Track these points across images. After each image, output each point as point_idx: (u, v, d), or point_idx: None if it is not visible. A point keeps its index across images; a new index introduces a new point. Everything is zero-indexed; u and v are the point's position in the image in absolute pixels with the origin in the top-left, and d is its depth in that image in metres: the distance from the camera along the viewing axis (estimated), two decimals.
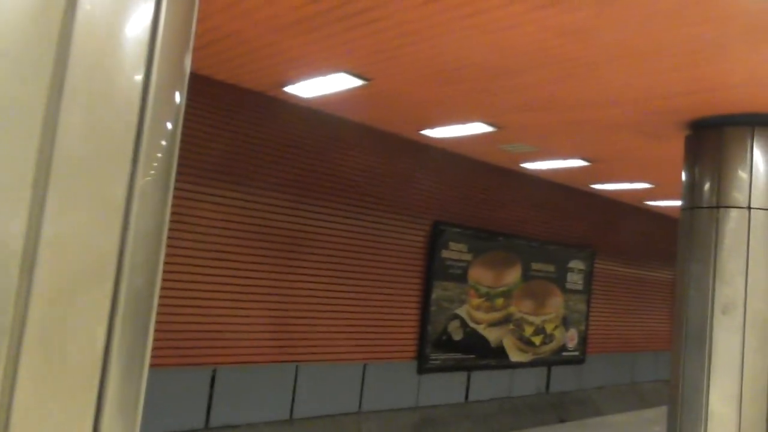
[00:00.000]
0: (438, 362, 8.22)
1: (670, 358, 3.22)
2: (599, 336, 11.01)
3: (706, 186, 2.96)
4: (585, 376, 10.67)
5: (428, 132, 7.29)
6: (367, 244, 7.46)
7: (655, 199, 10.67)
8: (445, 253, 8.25)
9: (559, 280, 10.06)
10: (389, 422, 7.61)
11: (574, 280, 10.33)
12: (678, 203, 10.55)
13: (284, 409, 6.71)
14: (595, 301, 10.83)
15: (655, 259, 12.37)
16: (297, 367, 6.83)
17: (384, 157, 7.61)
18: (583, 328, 10.52)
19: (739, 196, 2.87)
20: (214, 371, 6.13)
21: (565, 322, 10.19)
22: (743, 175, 2.79)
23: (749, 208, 2.82)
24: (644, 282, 12.12)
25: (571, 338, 10.28)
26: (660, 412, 7.61)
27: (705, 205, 2.96)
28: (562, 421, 9.62)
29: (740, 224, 2.85)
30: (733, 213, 2.85)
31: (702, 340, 2.86)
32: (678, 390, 2.97)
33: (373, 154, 7.49)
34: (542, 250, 9.74)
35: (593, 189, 10.20)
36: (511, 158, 8.35)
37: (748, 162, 2.83)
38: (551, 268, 9.90)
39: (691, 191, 3.06)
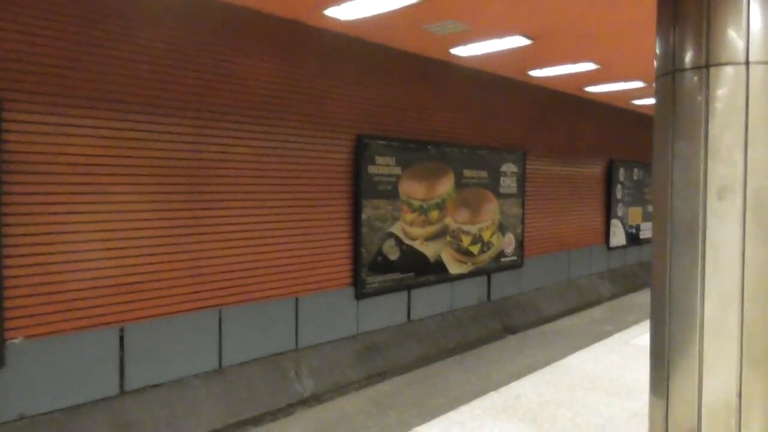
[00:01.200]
0: (376, 285, 7.70)
1: (652, 255, 2.60)
2: (535, 238, 10.83)
3: (691, 41, 2.32)
4: (524, 280, 10.54)
5: (335, 12, 6.24)
6: (284, 167, 6.64)
7: (597, 83, 10.02)
8: (372, 169, 7.55)
9: (493, 186, 9.64)
10: (330, 355, 7.11)
11: (508, 183, 9.95)
12: (623, 86, 10.08)
13: (212, 358, 6.04)
14: (529, 202, 10.55)
15: (584, 153, 12.17)
16: (220, 311, 6.11)
17: (291, 62, 6.67)
18: (519, 231, 10.26)
19: (734, 50, 2.25)
20: (122, 330, 5.32)
21: (502, 228, 9.87)
22: (739, 21, 2.16)
23: (747, 63, 2.21)
24: (575, 179, 11.94)
25: (508, 243, 10.02)
26: (606, 311, 7.46)
27: (690, 66, 2.32)
28: (508, 330, 9.49)
29: (737, 85, 2.25)
30: (728, 71, 2.23)
31: (693, 233, 2.31)
32: (664, 294, 2.44)
33: (277, 59, 6.53)
34: (474, 155, 9.21)
35: (529, 80, 9.54)
36: (439, 43, 7.46)
37: (744, 5, 2.19)
38: (484, 173, 9.43)
39: (670, 51, 2.42)
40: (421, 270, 8.36)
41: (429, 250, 8.48)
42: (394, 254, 7.93)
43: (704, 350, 2.39)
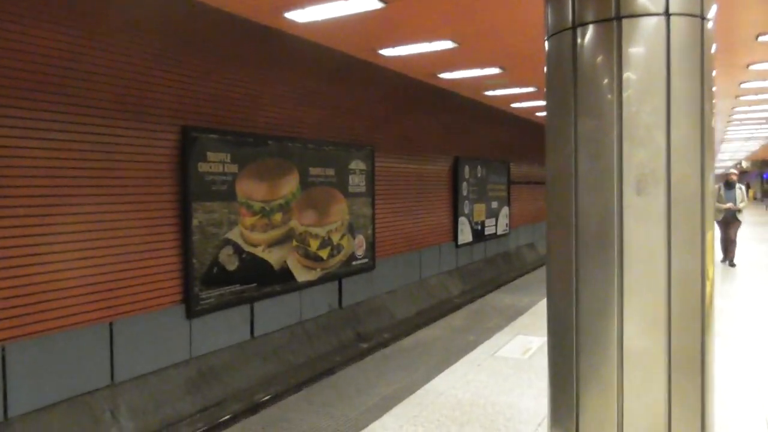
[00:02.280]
0: (212, 300, 6.68)
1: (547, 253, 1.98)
2: (387, 238, 10.38)
3: None
4: (376, 283, 10.04)
5: None
6: (89, 164, 5.41)
7: (453, 68, 9.44)
8: (203, 167, 6.52)
9: (341, 184, 8.99)
10: (156, 387, 5.98)
11: (357, 182, 9.36)
12: (478, 72, 9.73)
13: None
14: (380, 202, 10.07)
15: (431, 150, 11.98)
16: (2, 349, 4.77)
17: (91, 35, 5.45)
18: (370, 232, 9.73)
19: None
20: None
21: (352, 229, 9.26)
22: None
23: (667, 14, 1.66)
24: (423, 176, 11.71)
25: (359, 245, 9.44)
26: (465, 317, 7.09)
27: (595, 19, 1.75)
28: (361, 339, 8.89)
29: (656, 41, 1.69)
30: (645, 24, 1.68)
31: (606, 239, 1.73)
32: (569, 316, 1.87)
33: (71, 29, 5.28)
34: (320, 152, 8.48)
35: (379, 60, 8.91)
36: (271, 4, 6.26)
37: None
38: (331, 171, 8.75)
39: (567, 2, 1.83)
40: (264, 279, 7.46)
41: (273, 256, 7.61)
42: (232, 263, 6.95)
43: (624, 383, 1.85)
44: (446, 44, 7.84)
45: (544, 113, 11.93)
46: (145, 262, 5.97)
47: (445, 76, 9.74)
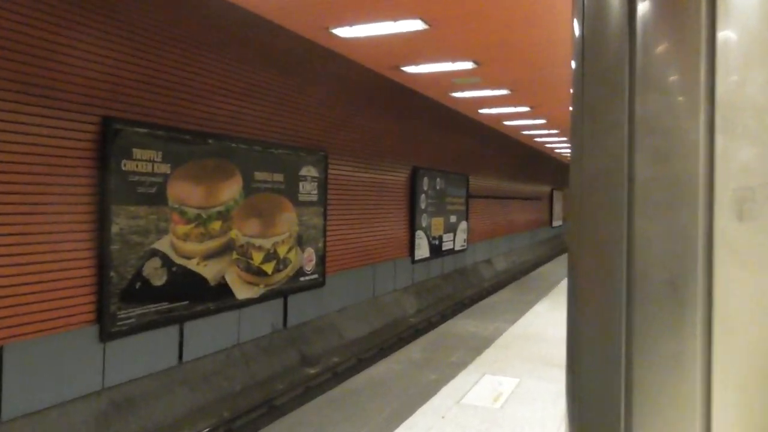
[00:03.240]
0: (132, 320, 5.77)
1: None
2: (339, 252, 9.61)
3: None
4: (326, 300, 9.24)
5: None
6: None
7: (419, 59, 8.33)
8: (128, 165, 5.63)
9: (291, 192, 8.19)
10: (57, 424, 5.03)
11: (308, 189, 8.57)
12: (449, 66, 8.29)
13: None
14: (332, 212, 9.30)
15: (389, 158, 11.30)
16: None
17: None
18: (321, 245, 8.94)
19: None
20: None
21: (301, 242, 8.46)
22: None
23: None
24: (380, 186, 11.00)
25: (308, 259, 8.63)
26: (424, 348, 6.35)
27: None
28: (307, 362, 8.06)
29: None
30: None
31: (682, 288, 0.86)
32: (619, 379, 1.04)
33: None
34: (268, 155, 7.67)
35: (332, 43, 8.14)
36: None
37: None
38: (279, 177, 7.94)
39: None
40: (198, 296, 6.58)
41: (209, 270, 6.74)
42: (159, 278, 6.06)
43: None
44: (414, 24, 6.98)
45: (513, 122, 11.14)
46: (50, 275, 5.03)
47: (410, 69, 8.61)
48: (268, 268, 7.78)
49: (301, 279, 8.50)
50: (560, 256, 20.59)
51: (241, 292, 7.28)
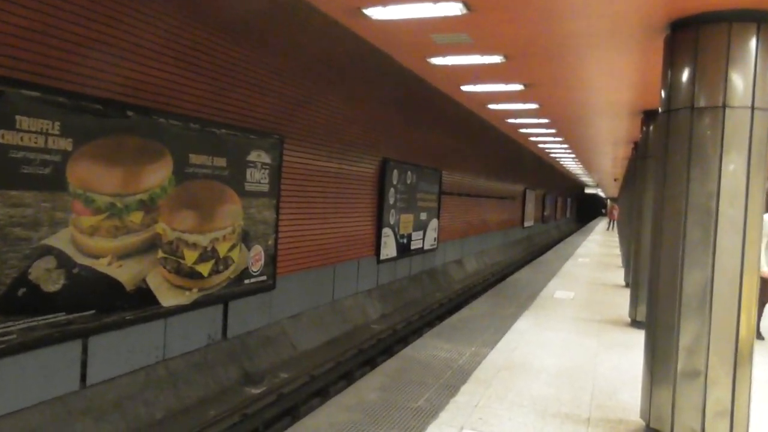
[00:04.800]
0: (12, 337, 4.51)
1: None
2: (293, 250, 8.41)
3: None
4: (276, 305, 8.05)
5: None
6: None
7: (385, 1, 5.29)
8: (6, 137, 4.35)
9: (236, 180, 6.96)
10: None
11: (257, 178, 7.35)
12: (432, 8, 5.24)
13: None
14: (286, 205, 8.09)
15: (355, 147, 10.12)
16: None
17: None
18: (271, 242, 7.72)
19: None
20: None
21: (247, 239, 7.24)
22: None
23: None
24: (344, 178, 9.82)
25: (255, 259, 7.42)
26: (384, 383, 5.15)
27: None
28: (250, 380, 6.85)
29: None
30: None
31: None
32: None
33: None
34: (206, 135, 6.43)
35: (294, 9, 6.81)
36: None
37: None
38: (222, 161, 6.70)
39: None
40: (108, 304, 5.33)
41: (125, 272, 5.48)
42: (54, 282, 4.80)
43: None
44: None
45: (500, 106, 9.30)
46: None
47: (377, 13, 5.61)
48: (204, 269, 6.54)
49: (247, 281, 7.29)
50: (535, 259, 19.69)
51: (169, 299, 6.03)
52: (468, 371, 5.22)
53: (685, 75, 3.95)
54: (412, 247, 13.29)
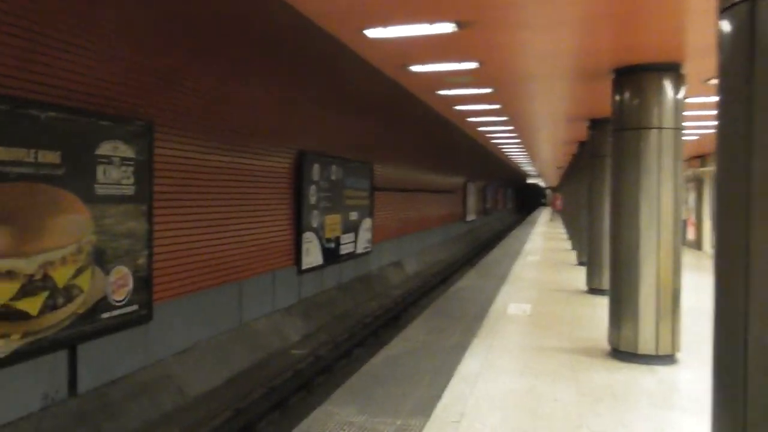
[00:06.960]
0: None
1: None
2: (177, 269, 6.62)
3: None
4: (157, 341, 6.27)
5: None
6: None
7: None
8: None
9: (78, 181, 5.13)
10: None
11: (114, 178, 5.53)
12: None
13: None
14: (163, 211, 6.29)
15: (263, 136, 8.39)
16: None
17: None
18: (142, 261, 5.92)
19: None
20: None
21: (102, 259, 5.41)
22: None
23: None
24: (249, 174, 8.08)
25: (118, 284, 5.61)
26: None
27: None
28: None
29: None
30: None
31: None
32: None
33: None
34: (22, 119, 4.58)
35: None
36: None
37: None
38: (52, 157, 4.87)
39: None
40: None
41: None
42: None
43: None
44: None
45: (450, 92, 7.62)
46: None
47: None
48: (31, 306, 4.70)
49: (105, 315, 5.47)
50: (479, 260, 18.40)
51: None
52: None
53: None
54: (342, 252, 11.65)
